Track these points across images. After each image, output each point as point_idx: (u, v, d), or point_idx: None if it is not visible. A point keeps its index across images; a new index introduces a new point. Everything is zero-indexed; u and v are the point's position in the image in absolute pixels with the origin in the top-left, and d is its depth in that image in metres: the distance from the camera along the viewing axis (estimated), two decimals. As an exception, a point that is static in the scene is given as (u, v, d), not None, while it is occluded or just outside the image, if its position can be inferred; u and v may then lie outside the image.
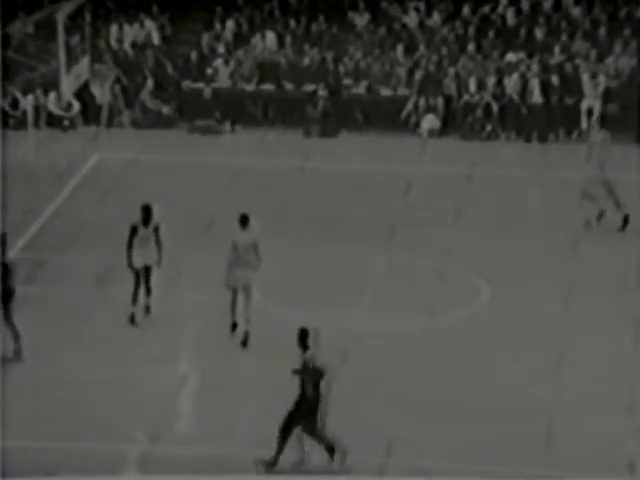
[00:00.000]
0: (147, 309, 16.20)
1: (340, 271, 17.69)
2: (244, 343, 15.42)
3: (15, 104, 24.19)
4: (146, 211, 16.02)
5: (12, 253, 18.07)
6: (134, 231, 15.94)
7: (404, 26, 25.01)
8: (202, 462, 12.81)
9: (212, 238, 17.85)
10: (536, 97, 23.57)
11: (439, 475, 12.58)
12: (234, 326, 15.72)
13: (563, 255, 18.10)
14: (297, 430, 12.57)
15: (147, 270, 16.06)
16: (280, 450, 12.53)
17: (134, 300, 16.01)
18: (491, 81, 23.92)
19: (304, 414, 12.46)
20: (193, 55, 24.81)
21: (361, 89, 24.28)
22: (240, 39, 25.20)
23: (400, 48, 24.48)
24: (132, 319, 15.99)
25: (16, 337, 15.10)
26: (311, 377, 12.41)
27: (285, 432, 12.50)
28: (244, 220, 15.63)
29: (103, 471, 12.56)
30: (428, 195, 20.81)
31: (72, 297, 16.75)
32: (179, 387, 14.40)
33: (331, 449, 12.55)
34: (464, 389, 14.46)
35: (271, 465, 12.54)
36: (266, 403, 13.91)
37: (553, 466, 12.91)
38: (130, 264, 15.91)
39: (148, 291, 16.11)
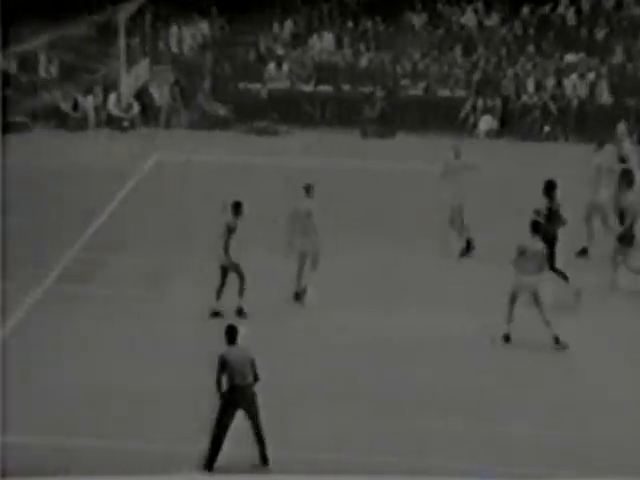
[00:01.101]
0: (240, 312, 16.25)
1: (395, 270, 17.65)
2: (296, 297, 16.35)
3: (76, 105, 24.48)
4: (237, 207, 16.10)
5: (71, 253, 18.34)
6: (231, 230, 16.05)
7: (462, 27, 24.92)
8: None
9: (269, 238, 17.88)
10: (605, 98, 23.33)
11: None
12: (297, 295, 16.33)
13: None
14: None
15: (238, 267, 16.18)
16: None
17: (219, 296, 16.09)
18: (550, 82, 23.73)
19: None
20: (251, 56, 24.93)
21: (419, 90, 24.22)
22: (298, 40, 25.28)
23: (458, 49, 24.39)
24: (216, 314, 16.02)
25: None
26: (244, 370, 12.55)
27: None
28: (308, 188, 16.43)
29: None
30: (485, 195, 20.68)
31: (130, 297, 16.86)
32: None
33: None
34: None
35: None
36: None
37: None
38: (230, 261, 16.04)
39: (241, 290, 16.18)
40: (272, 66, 24.78)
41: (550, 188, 16.64)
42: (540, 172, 18.49)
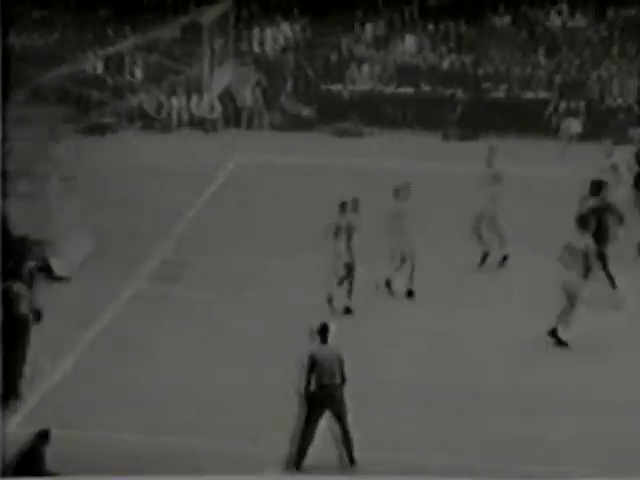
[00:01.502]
0: (347, 309, 16.37)
1: (477, 273, 17.62)
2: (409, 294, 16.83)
3: (160, 107, 24.83)
4: (355, 204, 16.27)
5: (158, 254, 18.61)
6: (351, 228, 16.25)
7: (546, 29, 24.76)
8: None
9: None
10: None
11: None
12: (388, 283, 16.75)
13: None
14: None
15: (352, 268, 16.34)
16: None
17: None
18: (635, 85, 23.48)
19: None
20: (333, 58, 25.06)
21: (500, 92, 24.12)
22: (380, 42, 25.34)
23: (541, 51, 24.24)
24: (330, 299, 16.21)
25: None
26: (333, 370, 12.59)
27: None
28: (397, 191, 16.76)
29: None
30: (568, 198, 20.52)
31: (213, 298, 17.05)
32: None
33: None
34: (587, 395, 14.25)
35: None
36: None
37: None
38: (353, 260, 16.27)
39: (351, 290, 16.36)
40: (354, 68, 24.88)
41: (597, 188, 16.66)
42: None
